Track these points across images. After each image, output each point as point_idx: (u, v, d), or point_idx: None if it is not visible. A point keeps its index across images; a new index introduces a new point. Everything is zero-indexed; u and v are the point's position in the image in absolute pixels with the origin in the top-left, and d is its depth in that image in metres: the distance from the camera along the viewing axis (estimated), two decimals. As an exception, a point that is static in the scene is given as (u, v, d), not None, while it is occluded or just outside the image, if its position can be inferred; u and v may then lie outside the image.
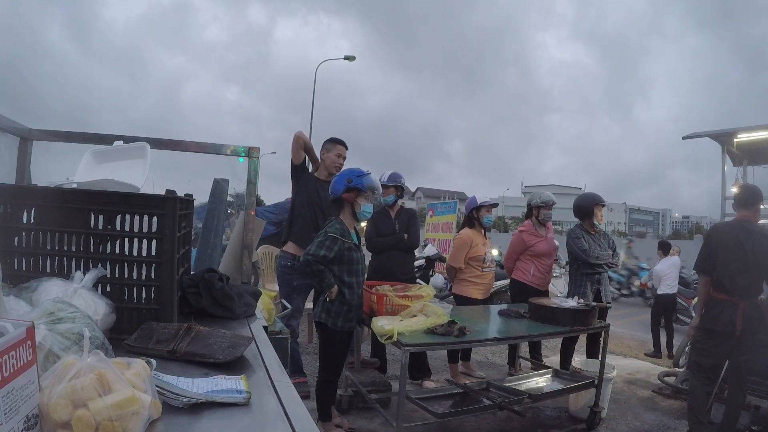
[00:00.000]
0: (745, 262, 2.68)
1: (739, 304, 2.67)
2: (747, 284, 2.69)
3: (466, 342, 2.64)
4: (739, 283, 2.69)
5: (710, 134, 3.73)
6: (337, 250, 2.48)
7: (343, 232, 2.53)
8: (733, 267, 2.71)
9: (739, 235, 2.73)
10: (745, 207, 2.82)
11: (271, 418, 0.82)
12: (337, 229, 2.52)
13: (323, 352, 2.73)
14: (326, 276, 2.48)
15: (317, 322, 2.63)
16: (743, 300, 2.68)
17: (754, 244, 2.69)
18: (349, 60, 16.72)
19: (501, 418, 3.14)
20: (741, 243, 2.71)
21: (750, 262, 2.67)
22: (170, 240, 1.22)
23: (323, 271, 2.47)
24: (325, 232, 2.51)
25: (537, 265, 3.85)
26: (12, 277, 1.13)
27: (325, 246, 2.46)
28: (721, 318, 2.72)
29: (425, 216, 8.47)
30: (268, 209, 6.45)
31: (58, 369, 0.68)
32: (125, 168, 1.65)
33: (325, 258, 2.45)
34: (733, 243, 2.73)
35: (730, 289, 2.71)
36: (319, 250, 2.45)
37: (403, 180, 3.73)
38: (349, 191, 2.58)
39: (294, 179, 3.31)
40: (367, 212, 2.69)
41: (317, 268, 2.45)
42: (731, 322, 2.68)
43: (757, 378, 3.11)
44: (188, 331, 1.13)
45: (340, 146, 3.35)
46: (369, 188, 2.61)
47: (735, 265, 2.70)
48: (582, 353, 3.95)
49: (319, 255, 2.44)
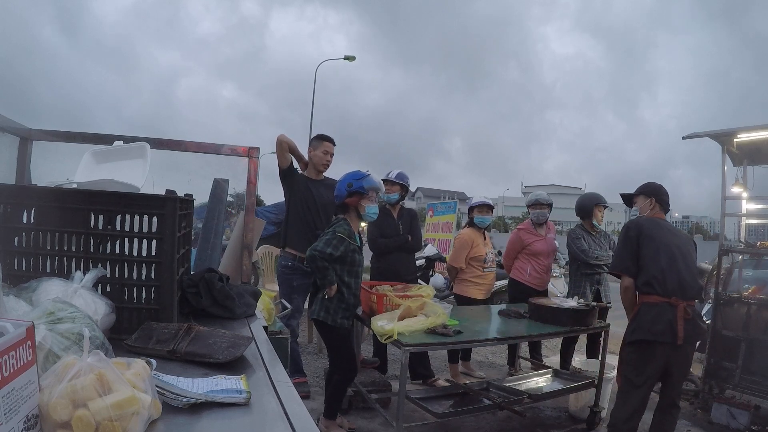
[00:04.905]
0: (673, 256, 2.34)
1: (679, 306, 2.25)
2: (682, 281, 2.30)
3: (466, 342, 2.64)
4: (674, 281, 2.30)
5: (710, 134, 3.72)
6: (343, 250, 2.52)
7: (350, 234, 2.57)
8: (664, 262, 2.32)
9: (658, 228, 2.45)
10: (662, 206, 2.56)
11: (271, 418, 0.82)
12: (345, 230, 2.56)
13: (332, 350, 2.74)
14: (329, 273, 2.53)
15: (316, 320, 2.65)
16: (683, 301, 2.27)
17: (677, 237, 2.45)
18: (349, 60, 16.73)
19: (501, 418, 3.14)
20: (666, 236, 2.40)
21: (677, 257, 2.34)
22: (170, 240, 1.22)
23: (327, 267, 2.51)
24: (333, 231, 2.54)
25: (534, 264, 3.85)
26: (12, 277, 1.13)
27: (332, 245, 2.49)
28: (656, 325, 2.26)
29: (425, 216, 8.48)
30: (268, 209, 6.46)
31: (58, 369, 0.68)
32: (125, 168, 1.65)
33: (331, 256, 2.49)
34: (659, 236, 2.40)
35: (665, 289, 2.29)
36: (326, 247, 2.48)
37: (409, 181, 3.74)
38: (351, 195, 2.61)
39: (285, 184, 3.29)
40: (373, 213, 2.70)
41: (322, 264, 2.49)
42: (671, 329, 2.24)
43: (757, 378, 3.12)
44: (188, 331, 1.13)
45: (327, 143, 3.32)
46: (371, 189, 2.62)
47: (666, 260, 2.33)
48: (582, 353, 3.95)
49: (326, 252, 2.47)
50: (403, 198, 3.73)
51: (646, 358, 2.34)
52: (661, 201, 2.56)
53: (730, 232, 4.20)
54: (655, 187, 2.59)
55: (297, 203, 3.24)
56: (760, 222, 4.36)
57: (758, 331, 3.24)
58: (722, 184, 3.68)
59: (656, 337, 2.28)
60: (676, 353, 2.29)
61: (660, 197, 2.56)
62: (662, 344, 2.27)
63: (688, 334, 2.25)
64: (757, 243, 3.64)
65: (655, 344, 2.29)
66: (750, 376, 3.20)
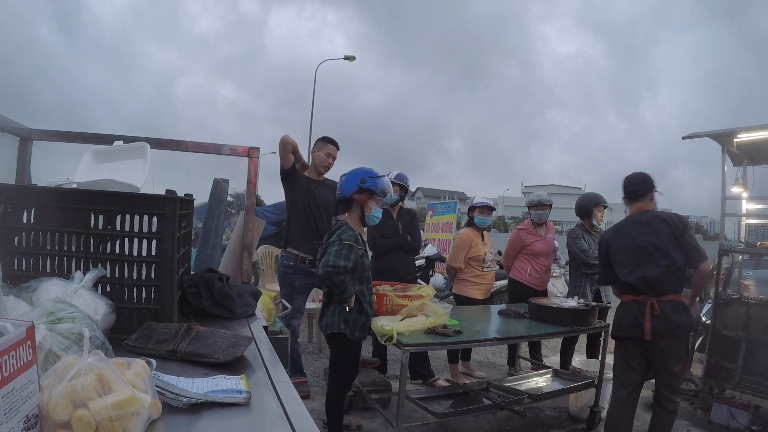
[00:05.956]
0: (639, 255, 2.42)
1: (647, 303, 2.34)
2: (648, 280, 2.37)
3: (466, 342, 2.64)
4: (640, 279, 2.38)
5: (710, 134, 3.72)
6: (354, 259, 2.32)
7: (356, 239, 2.37)
8: (629, 265, 2.44)
9: (625, 231, 2.53)
10: (635, 199, 2.57)
11: (271, 418, 0.82)
12: (351, 235, 2.35)
13: (338, 364, 2.52)
14: (348, 286, 2.32)
15: (334, 333, 2.42)
16: (652, 298, 2.34)
17: (644, 232, 2.44)
18: (349, 60, 16.76)
19: (501, 418, 3.14)
20: (627, 239, 2.48)
21: (647, 253, 2.40)
22: (170, 240, 1.22)
23: (344, 281, 2.30)
24: (339, 239, 2.32)
25: (534, 264, 3.86)
26: (12, 277, 1.13)
27: (343, 255, 2.28)
28: (623, 322, 2.42)
29: (425, 216, 8.48)
30: (268, 209, 6.47)
31: (58, 369, 0.68)
32: (125, 168, 1.65)
33: (345, 268, 2.28)
34: (619, 242, 2.51)
35: (634, 289, 2.41)
36: (338, 260, 2.27)
37: (408, 182, 3.75)
38: (361, 192, 2.42)
39: (286, 184, 3.27)
40: (377, 217, 2.51)
41: (338, 279, 2.28)
42: (637, 324, 2.35)
43: (757, 378, 3.12)
44: (188, 331, 1.13)
45: (331, 145, 3.31)
46: (382, 191, 2.45)
47: (628, 263, 2.44)
48: (582, 353, 3.95)
49: (339, 266, 2.26)
50: (402, 199, 3.74)
51: (621, 353, 2.53)
52: (628, 196, 2.61)
53: (730, 232, 4.20)
54: (623, 185, 2.65)
55: (299, 203, 3.24)
56: (760, 222, 4.36)
57: (758, 331, 3.24)
58: (722, 184, 3.68)
59: (624, 333, 2.45)
60: (651, 348, 2.40)
61: (625, 193, 2.62)
62: (631, 339, 2.43)
63: (657, 329, 2.33)
64: (757, 243, 3.63)
65: (625, 340, 2.48)
66: (750, 376, 3.20)
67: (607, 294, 3.74)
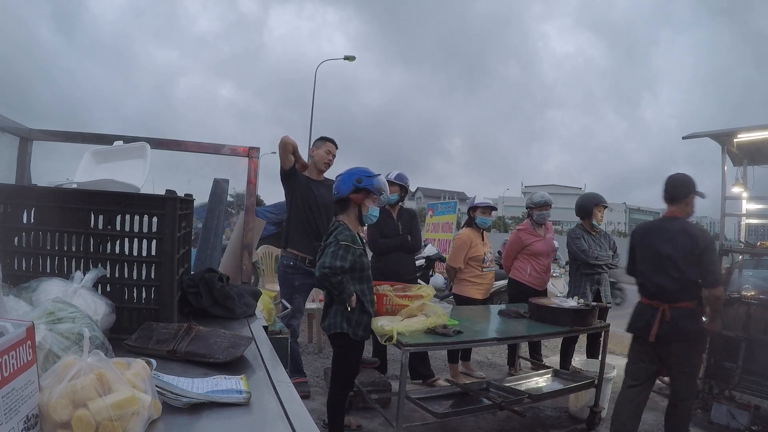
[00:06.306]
0: (657, 261, 2.48)
1: (659, 308, 2.45)
2: (664, 285, 2.45)
3: (466, 342, 2.64)
4: (655, 285, 2.48)
5: (710, 134, 3.73)
6: (351, 259, 2.33)
7: (354, 239, 2.39)
8: (648, 268, 2.53)
9: (652, 234, 2.58)
10: (671, 202, 2.55)
11: (271, 418, 0.82)
12: (348, 236, 2.36)
13: (341, 365, 2.53)
14: (346, 286, 2.33)
15: (337, 333, 2.42)
16: (665, 304, 2.44)
17: (666, 241, 2.47)
18: (348, 60, 16.76)
19: (501, 418, 3.14)
20: (651, 242, 2.54)
21: (662, 262, 2.46)
22: (170, 240, 1.22)
23: (342, 281, 2.31)
24: (336, 241, 2.33)
25: (534, 264, 3.86)
26: (12, 277, 1.13)
27: (339, 256, 2.30)
28: (637, 322, 2.57)
29: (425, 216, 8.48)
30: (268, 209, 6.46)
31: (58, 369, 0.68)
32: (125, 168, 1.65)
33: (342, 269, 2.29)
34: (645, 242, 2.59)
35: (649, 292, 2.52)
36: (334, 260, 2.28)
37: (408, 182, 3.75)
38: (357, 192, 2.43)
39: (286, 184, 3.27)
40: (374, 216, 2.53)
41: (336, 280, 2.29)
42: (647, 326, 2.47)
43: (757, 378, 3.12)
44: (188, 331, 1.13)
45: (330, 143, 3.34)
46: (378, 190, 2.48)
47: (648, 265, 2.53)
48: (582, 353, 3.95)
49: (336, 266, 2.27)
50: (402, 199, 3.73)
51: (633, 348, 2.67)
52: (665, 197, 2.60)
53: (730, 232, 4.21)
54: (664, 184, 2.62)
55: (299, 203, 3.24)
56: (760, 222, 4.37)
57: (758, 331, 3.24)
58: (722, 184, 3.69)
59: (634, 331, 2.61)
60: (660, 349, 2.49)
61: (664, 193, 2.61)
62: (641, 338, 2.57)
63: (663, 333, 2.44)
64: (757, 243, 3.64)
65: (636, 338, 2.63)
66: (750, 376, 3.20)
67: (607, 294, 3.74)
